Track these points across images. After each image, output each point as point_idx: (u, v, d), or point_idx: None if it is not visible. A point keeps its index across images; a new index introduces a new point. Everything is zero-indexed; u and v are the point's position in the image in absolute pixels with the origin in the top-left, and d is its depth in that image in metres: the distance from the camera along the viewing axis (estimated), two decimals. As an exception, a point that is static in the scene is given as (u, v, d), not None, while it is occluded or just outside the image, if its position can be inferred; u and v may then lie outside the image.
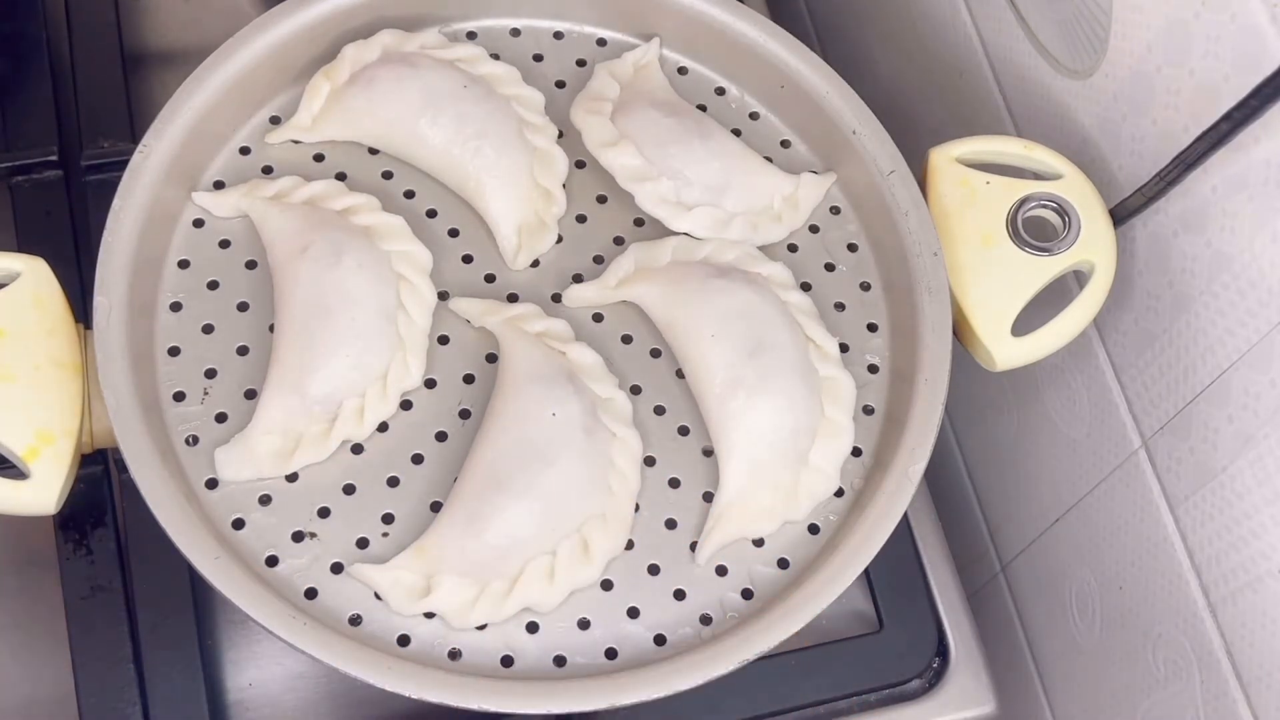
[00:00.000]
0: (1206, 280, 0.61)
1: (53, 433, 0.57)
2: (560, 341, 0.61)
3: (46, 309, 0.59)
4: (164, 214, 0.63)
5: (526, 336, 0.61)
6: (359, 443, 0.60)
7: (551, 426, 0.58)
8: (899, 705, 0.66)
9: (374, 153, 0.67)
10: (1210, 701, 0.65)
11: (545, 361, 0.60)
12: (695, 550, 0.60)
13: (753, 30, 0.69)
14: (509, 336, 0.62)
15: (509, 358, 0.61)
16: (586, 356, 0.61)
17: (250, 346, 0.61)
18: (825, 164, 0.70)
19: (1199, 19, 0.57)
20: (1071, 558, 0.76)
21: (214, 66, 0.64)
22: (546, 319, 0.62)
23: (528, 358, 0.60)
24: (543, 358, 0.60)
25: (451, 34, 0.70)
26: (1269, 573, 0.60)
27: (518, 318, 0.62)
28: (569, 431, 0.58)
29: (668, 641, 0.58)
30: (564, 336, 0.62)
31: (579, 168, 0.67)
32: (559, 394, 0.59)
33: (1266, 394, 0.58)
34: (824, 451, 0.61)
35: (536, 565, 0.57)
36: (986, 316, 0.64)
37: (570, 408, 0.59)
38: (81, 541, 0.64)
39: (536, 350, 0.61)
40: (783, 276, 0.65)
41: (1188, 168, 0.58)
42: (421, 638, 0.57)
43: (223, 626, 0.66)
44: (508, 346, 0.61)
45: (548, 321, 0.62)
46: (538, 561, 0.57)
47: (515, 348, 0.61)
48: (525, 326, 0.62)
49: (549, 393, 0.59)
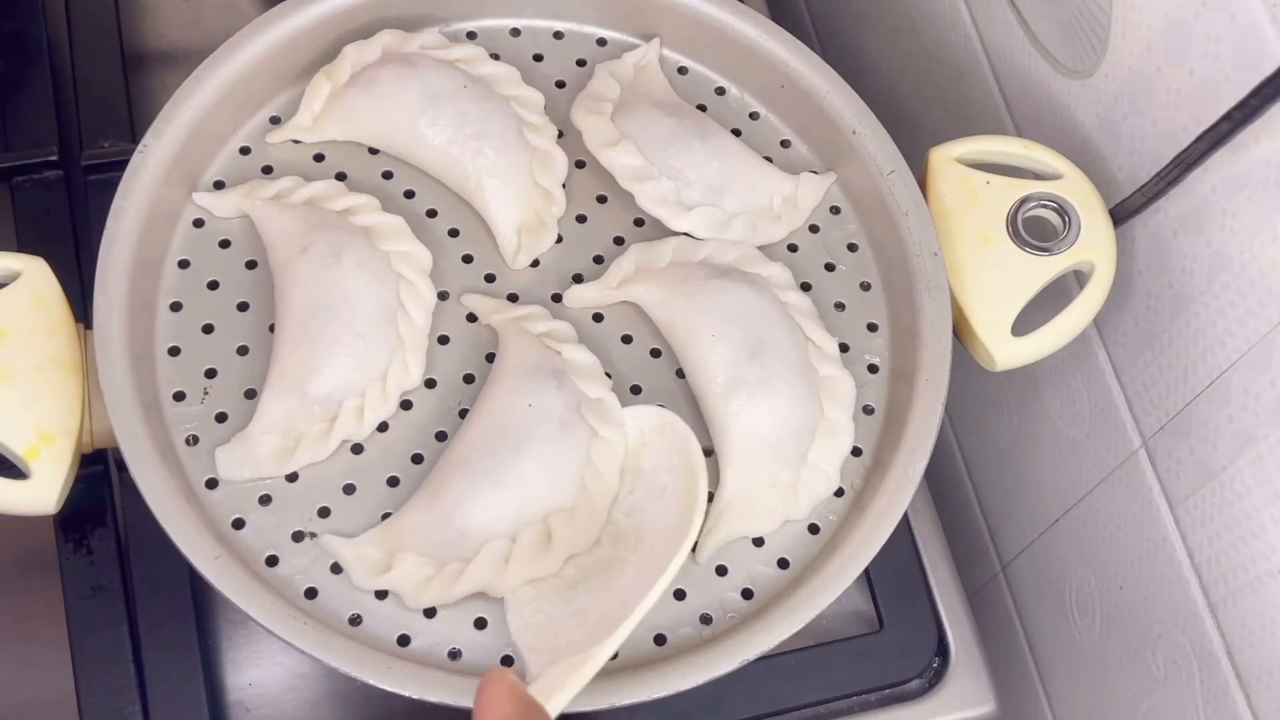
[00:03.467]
0: (1206, 280, 0.61)
1: (53, 433, 0.57)
2: (558, 341, 0.61)
3: (46, 309, 0.59)
4: (164, 214, 0.63)
5: (526, 335, 0.61)
6: (359, 443, 0.60)
7: (526, 416, 0.58)
8: (899, 705, 0.66)
9: (374, 153, 0.67)
10: (1210, 701, 0.65)
11: (537, 357, 0.60)
12: (695, 550, 0.60)
13: (753, 30, 0.69)
14: (509, 334, 0.62)
15: (504, 353, 0.61)
16: (582, 356, 0.61)
17: (250, 346, 0.61)
18: (825, 164, 0.70)
19: (1199, 19, 0.57)
20: (1071, 557, 0.76)
21: (214, 66, 0.64)
22: (551, 321, 0.62)
23: (521, 353, 0.61)
24: (536, 354, 0.61)
25: (451, 34, 0.70)
26: (1269, 573, 0.60)
27: (523, 318, 0.62)
28: (543, 423, 0.58)
29: (668, 641, 0.58)
30: (564, 337, 0.62)
31: (579, 168, 0.67)
32: (539, 386, 0.59)
33: (1266, 394, 0.58)
34: (824, 451, 0.61)
35: (492, 548, 0.56)
36: (986, 316, 0.64)
37: (549, 400, 0.59)
38: (81, 541, 0.64)
39: (532, 347, 0.61)
40: (782, 277, 0.65)
41: (1188, 168, 0.58)
42: (422, 638, 0.57)
43: (223, 626, 0.66)
44: (506, 343, 0.61)
45: (551, 323, 0.62)
46: (494, 545, 0.56)
47: (512, 344, 0.61)
48: (529, 327, 0.62)
49: (529, 384, 0.59)
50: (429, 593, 0.56)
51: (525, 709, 0.43)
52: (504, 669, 0.45)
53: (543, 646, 0.53)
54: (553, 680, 0.50)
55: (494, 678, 0.44)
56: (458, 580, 0.56)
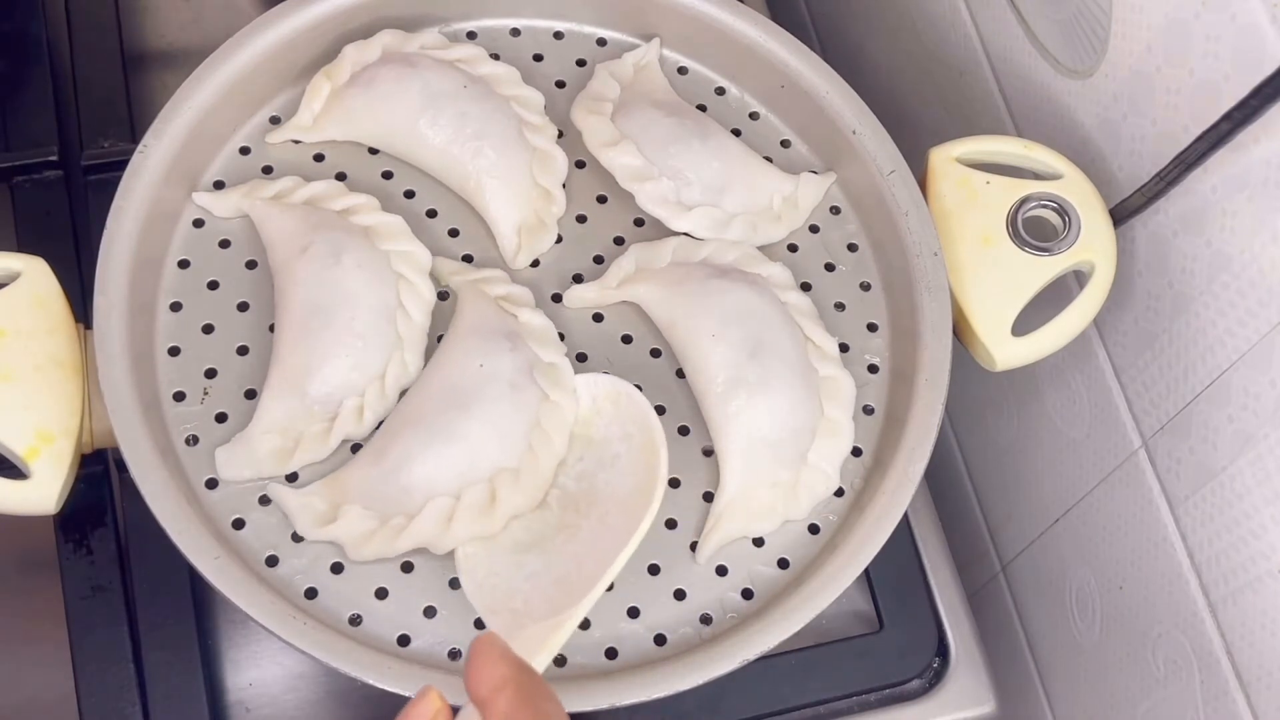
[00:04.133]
0: (1206, 280, 0.61)
1: (53, 433, 0.57)
2: (515, 305, 0.61)
3: (46, 309, 0.59)
4: (164, 214, 0.63)
5: (484, 297, 0.62)
6: (359, 442, 0.60)
7: (476, 376, 0.58)
8: (899, 705, 0.66)
9: (374, 153, 0.67)
10: (1210, 701, 0.65)
11: (493, 318, 0.61)
12: (695, 550, 0.60)
13: (753, 30, 0.69)
14: (467, 295, 0.62)
15: (461, 314, 0.61)
16: (538, 321, 0.61)
17: (250, 346, 0.61)
18: (825, 164, 0.70)
19: (1199, 19, 0.57)
20: (1071, 558, 0.76)
21: (214, 66, 0.64)
22: (510, 285, 0.63)
23: (478, 314, 0.61)
24: (492, 315, 0.61)
25: (451, 34, 0.70)
26: (1269, 573, 0.60)
27: (481, 280, 0.63)
28: (493, 384, 0.58)
29: (668, 641, 0.58)
30: (522, 301, 0.62)
31: (579, 168, 0.67)
32: (491, 347, 0.59)
33: (1266, 394, 0.58)
34: (824, 451, 0.61)
35: (436, 505, 0.56)
36: (986, 316, 0.64)
37: (500, 361, 0.59)
38: (81, 541, 0.64)
39: (490, 309, 0.61)
40: (782, 277, 0.65)
41: (1188, 168, 0.58)
42: (422, 638, 0.57)
43: (223, 626, 0.66)
44: (463, 304, 0.62)
45: (510, 287, 0.62)
46: (438, 502, 0.56)
47: (469, 305, 0.61)
48: (487, 289, 0.62)
49: (482, 345, 0.59)
50: (370, 545, 0.56)
51: (520, 671, 0.44)
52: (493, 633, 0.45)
53: (500, 608, 0.54)
54: (529, 643, 0.50)
55: (485, 641, 0.45)
56: (400, 535, 0.56)
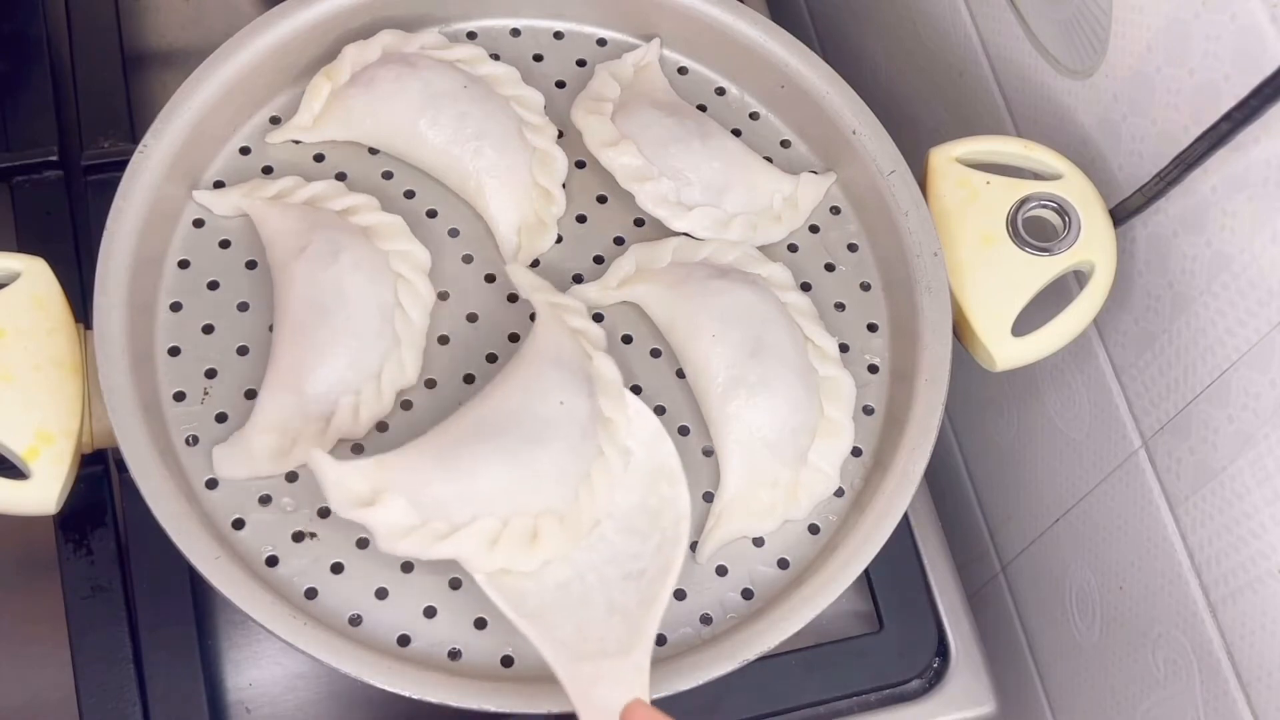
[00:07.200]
0: (1206, 280, 0.61)
1: (53, 433, 0.57)
2: (591, 345, 0.60)
3: (46, 309, 0.59)
4: (164, 214, 0.63)
5: (564, 326, 0.61)
6: (359, 442, 0.60)
7: (556, 412, 0.57)
8: (899, 705, 0.66)
9: (374, 153, 0.67)
10: (1210, 701, 0.65)
11: (573, 354, 0.59)
12: (695, 550, 0.60)
13: (753, 30, 0.69)
14: (548, 318, 0.61)
15: (539, 335, 0.60)
16: (609, 371, 0.59)
17: (250, 346, 0.61)
18: (825, 164, 0.70)
19: (1199, 19, 0.57)
20: (1071, 558, 0.76)
21: (214, 66, 0.64)
22: (587, 320, 0.62)
23: (558, 343, 0.60)
24: (572, 351, 0.59)
25: (451, 34, 0.70)
26: (1269, 573, 0.60)
27: (562, 306, 0.62)
28: (570, 425, 0.57)
29: (668, 641, 0.58)
30: (597, 342, 0.61)
31: (579, 168, 0.67)
32: (575, 388, 0.58)
33: (1266, 394, 0.58)
34: (824, 451, 0.61)
35: (484, 525, 0.55)
36: (986, 316, 0.64)
37: (579, 406, 0.58)
38: (81, 541, 0.64)
39: (569, 341, 0.60)
40: (782, 277, 0.65)
41: (1188, 168, 0.58)
42: (422, 638, 0.57)
43: (223, 626, 0.66)
44: (542, 325, 0.60)
45: (587, 322, 0.61)
46: (486, 523, 0.55)
47: (550, 329, 0.60)
48: (566, 318, 0.61)
49: (566, 382, 0.58)
50: (406, 542, 0.54)
51: None
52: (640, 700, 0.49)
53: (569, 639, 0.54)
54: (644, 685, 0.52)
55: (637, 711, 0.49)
56: (440, 540, 0.54)
